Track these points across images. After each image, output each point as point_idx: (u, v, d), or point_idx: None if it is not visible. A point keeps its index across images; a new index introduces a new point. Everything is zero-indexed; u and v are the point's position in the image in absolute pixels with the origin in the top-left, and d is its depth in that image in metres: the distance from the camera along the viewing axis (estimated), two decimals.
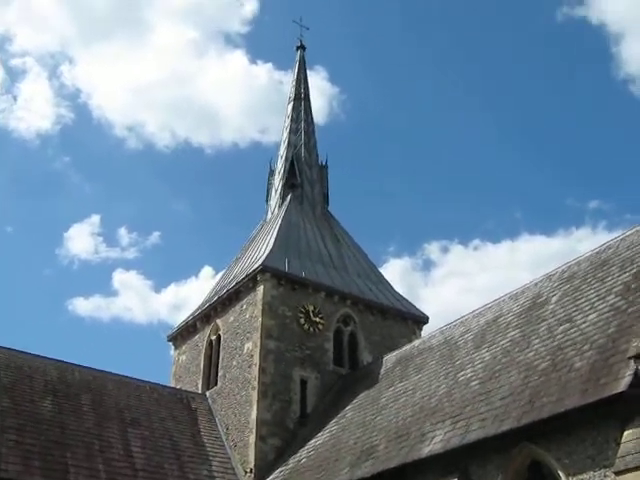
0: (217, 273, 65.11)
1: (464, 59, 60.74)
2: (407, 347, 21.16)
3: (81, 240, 66.04)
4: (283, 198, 27.38)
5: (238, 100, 64.63)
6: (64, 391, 20.17)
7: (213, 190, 65.34)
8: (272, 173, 28.91)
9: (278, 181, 28.15)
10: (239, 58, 67.70)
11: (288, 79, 66.97)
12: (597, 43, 59.17)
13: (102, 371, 22.10)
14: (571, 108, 58.20)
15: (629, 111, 57.49)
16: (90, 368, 21.98)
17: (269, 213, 27.83)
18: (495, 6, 60.56)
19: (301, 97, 30.40)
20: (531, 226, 67.77)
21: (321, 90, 55.60)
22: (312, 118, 30.12)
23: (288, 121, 29.75)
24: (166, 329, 67.35)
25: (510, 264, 59.21)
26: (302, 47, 32.02)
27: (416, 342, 20.83)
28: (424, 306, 30.60)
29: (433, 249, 65.33)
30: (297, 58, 31.91)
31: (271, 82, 63.66)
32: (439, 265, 64.93)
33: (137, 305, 68.22)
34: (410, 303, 25.59)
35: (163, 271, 66.08)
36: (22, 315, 58.40)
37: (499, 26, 59.06)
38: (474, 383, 15.23)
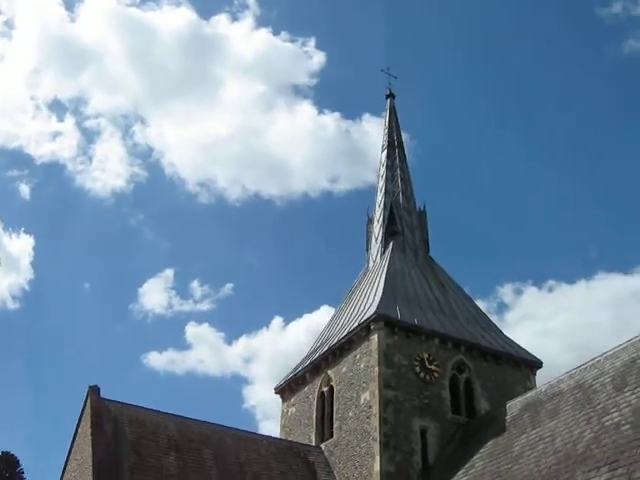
0: (287, 324, 65.83)
1: (537, 100, 60.30)
2: (532, 393, 20.51)
3: (155, 295, 67.07)
4: (385, 246, 27.22)
5: (306, 150, 65.24)
6: (186, 446, 20.12)
7: (283, 241, 65.77)
8: (370, 221, 28.87)
9: (378, 229, 28.05)
10: (307, 109, 68.51)
11: (356, 128, 68.36)
12: None
13: (219, 425, 22.00)
14: (638, 141, 57.06)
15: None
16: (207, 422, 21.91)
17: (370, 261, 27.67)
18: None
19: (394, 145, 30.46)
20: (607, 264, 66.08)
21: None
22: (407, 165, 30.10)
23: (383, 169, 29.80)
24: (239, 381, 67.76)
25: (586, 304, 57.53)
26: (392, 95, 32.29)
27: (542, 387, 20.12)
28: None
29: (506, 291, 63.99)
30: (387, 106, 32.17)
31: (339, 131, 64.29)
32: (513, 308, 63.64)
33: (210, 357, 68.48)
34: (522, 348, 24.94)
35: (234, 323, 66.54)
36: (99, 370, 59.25)
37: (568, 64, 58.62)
38: (625, 427, 14.54)
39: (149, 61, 64.05)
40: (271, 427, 55.36)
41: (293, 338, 59.75)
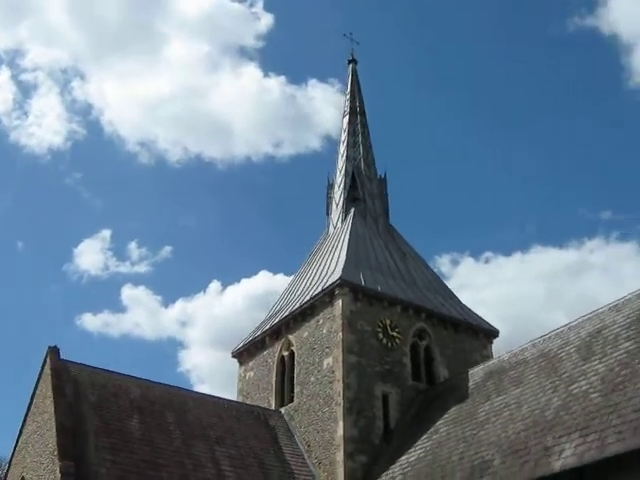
0: (224, 289, 65.66)
1: (474, 68, 60.71)
2: (494, 361, 20.89)
3: (90, 256, 65.86)
4: (346, 212, 27.17)
5: (250, 114, 64.56)
6: (149, 409, 19.85)
7: (223, 204, 65.20)
8: (331, 186, 28.75)
9: (339, 195, 27.96)
10: (252, 71, 67.75)
11: (301, 93, 67.93)
12: (608, 53, 59.29)
13: (180, 388, 21.84)
14: (583, 118, 58.35)
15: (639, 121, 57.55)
16: (168, 385, 21.68)
17: (331, 227, 27.61)
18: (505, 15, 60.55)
19: (357, 111, 30.27)
20: (543, 238, 67.43)
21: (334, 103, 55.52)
22: (369, 132, 29.96)
23: (345, 135, 29.62)
24: (175, 345, 67.53)
25: (521, 277, 58.72)
26: (354, 61, 31.99)
27: (504, 356, 20.46)
28: None
29: (444, 262, 65.13)
30: (349, 72, 31.85)
31: (284, 96, 63.77)
32: (449, 278, 64.76)
33: (146, 321, 67.99)
34: (480, 317, 25.32)
35: (172, 286, 66.00)
36: (31, 330, 58.24)
37: (509, 35, 59.12)
38: (594, 395, 14.89)
39: (91, 14, 62.01)
40: (205, 390, 55.29)
41: (230, 302, 59.73)
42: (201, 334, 64.16)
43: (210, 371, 59.57)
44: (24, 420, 20.26)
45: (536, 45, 59.33)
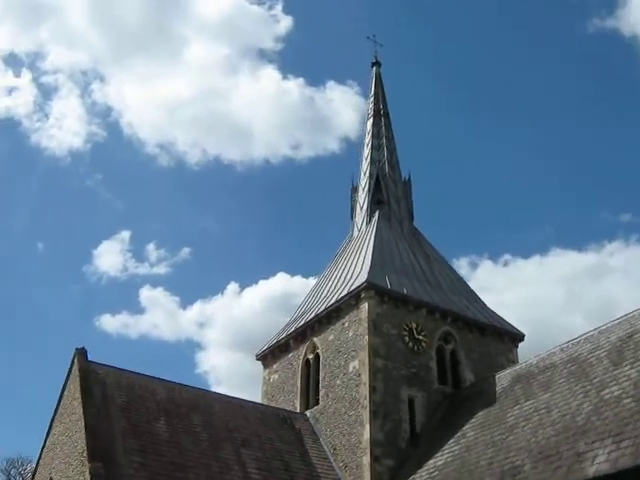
0: (242, 290, 65.77)
1: (496, 70, 60.38)
2: (521, 365, 20.74)
3: (110, 257, 66.14)
4: (370, 215, 27.12)
5: (269, 116, 64.55)
6: (175, 411, 19.88)
7: (242, 206, 65.29)
8: (355, 190, 28.70)
9: (363, 197, 27.90)
10: (271, 73, 67.79)
11: (320, 95, 67.93)
12: (629, 56, 58.90)
13: (207, 391, 21.92)
14: (604, 121, 57.83)
15: None
16: (195, 388, 21.75)
17: (355, 230, 27.55)
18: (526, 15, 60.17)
19: (381, 113, 30.21)
20: (562, 241, 66.95)
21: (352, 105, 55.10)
22: (393, 135, 29.88)
23: (369, 137, 29.56)
24: (192, 346, 67.77)
25: (540, 280, 58.28)
26: (377, 63, 31.90)
27: (532, 360, 20.31)
28: None
29: (462, 264, 64.76)
30: (373, 74, 31.79)
31: (302, 98, 63.76)
32: (468, 281, 63.93)
33: (164, 322, 68.11)
34: (505, 320, 25.17)
35: (190, 288, 66.09)
36: (50, 331, 58.52)
37: (531, 38, 58.76)
38: (627, 401, 14.76)
39: (111, 17, 62.30)
40: (222, 392, 55.09)
41: (248, 304, 59.72)
42: (219, 336, 64.39)
43: (228, 372, 59.79)
44: (52, 421, 20.36)
45: (559, 47, 59.04)
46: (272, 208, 64.04)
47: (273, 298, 57.36)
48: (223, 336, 62.52)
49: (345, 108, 67.84)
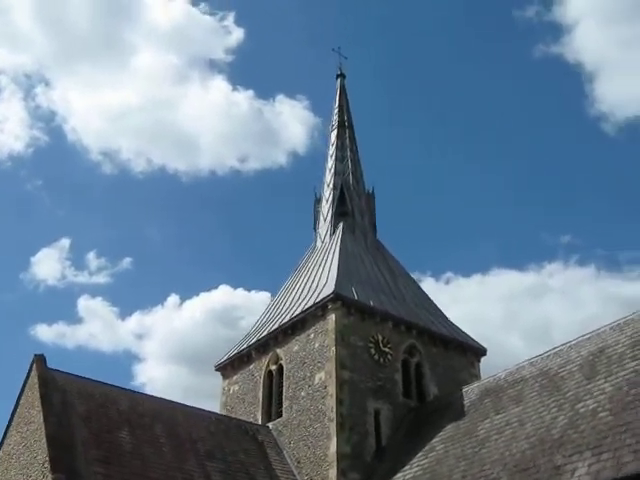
0: (183, 302, 64.81)
1: (453, 86, 61.18)
2: (489, 379, 20.70)
3: (48, 264, 64.22)
4: (334, 226, 26.94)
5: (217, 127, 64.15)
6: (138, 421, 19.28)
7: (186, 217, 64.60)
8: (319, 201, 28.52)
9: (327, 209, 27.74)
10: (221, 84, 67.34)
11: (268, 108, 67.86)
12: (572, 81, 60.25)
13: (170, 401, 21.28)
14: (546, 143, 58.82)
15: (601, 148, 58.60)
16: (157, 397, 21.18)
17: (318, 241, 27.33)
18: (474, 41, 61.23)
19: (345, 125, 30.15)
20: (503, 261, 67.69)
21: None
22: (357, 146, 29.83)
23: (333, 149, 29.47)
24: (130, 358, 66.40)
25: (480, 298, 58.87)
26: (342, 75, 31.91)
27: (500, 374, 20.29)
28: None
29: None
30: (337, 86, 31.75)
31: (251, 110, 63.59)
32: None
33: (102, 332, 66.36)
34: (467, 335, 25.21)
35: (130, 298, 64.90)
36: None
37: (478, 61, 59.76)
38: (604, 414, 14.79)
39: (58, 20, 60.44)
40: None
41: (188, 316, 58.73)
42: (158, 348, 63.03)
43: (165, 385, 58.47)
44: (6, 431, 19.50)
45: (509, 69, 60.01)
46: (217, 220, 63.31)
47: (214, 310, 56.68)
48: (162, 348, 61.21)
49: (294, 122, 67.80)
